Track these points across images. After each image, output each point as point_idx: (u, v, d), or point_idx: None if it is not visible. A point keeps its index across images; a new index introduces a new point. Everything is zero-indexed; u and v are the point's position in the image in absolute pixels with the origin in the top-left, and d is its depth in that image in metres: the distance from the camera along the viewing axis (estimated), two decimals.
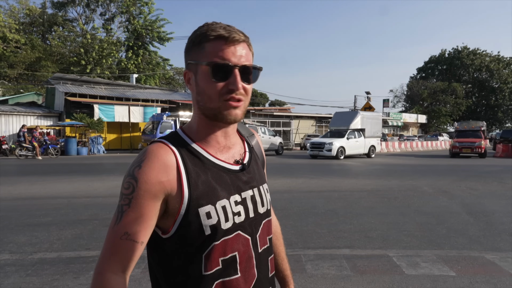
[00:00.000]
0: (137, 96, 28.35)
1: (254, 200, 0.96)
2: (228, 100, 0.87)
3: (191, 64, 0.91)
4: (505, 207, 7.01)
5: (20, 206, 6.87)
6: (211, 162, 0.91)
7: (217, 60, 0.86)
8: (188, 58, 0.92)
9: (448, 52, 64.91)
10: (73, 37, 38.31)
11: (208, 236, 0.86)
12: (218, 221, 0.86)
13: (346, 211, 6.49)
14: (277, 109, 37.70)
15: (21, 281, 3.42)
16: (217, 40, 0.87)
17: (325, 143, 19.60)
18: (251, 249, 0.93)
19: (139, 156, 0.86)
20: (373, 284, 3.43)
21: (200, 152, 0.91)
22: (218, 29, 0.87)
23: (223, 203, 0.88)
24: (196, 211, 0.85)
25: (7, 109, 23.79)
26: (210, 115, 0.90)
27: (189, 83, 0.93)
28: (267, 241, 0.99)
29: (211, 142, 0.93)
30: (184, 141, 0.91)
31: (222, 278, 0.88)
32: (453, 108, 57.93)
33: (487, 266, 3.90)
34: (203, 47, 0.88)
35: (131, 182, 0.83)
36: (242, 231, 0.91)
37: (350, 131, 20.68)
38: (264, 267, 0.96)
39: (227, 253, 0.88)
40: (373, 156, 21.76)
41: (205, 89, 0.88)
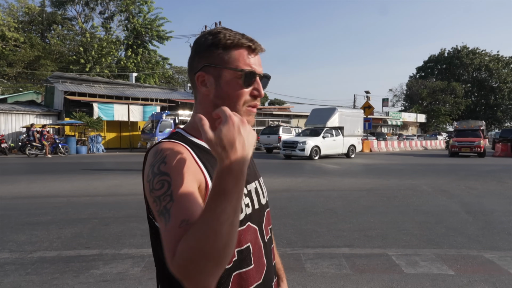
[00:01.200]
0: (136, 95, 28.33)
1: (257, 191, 1.00)
2: (250, 106, 0.93)
3: (210, 67, 0.92)
4: (504, 206, 7.03)
5: (19, 204, 6.87)
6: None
7: (250, 69, 0.91)
8: (207, 60, 0.92)
9: (448, 52, 64.94)
10: (72, 35, 38.26)
11: None
12: None
13: (346, 210, 6.50)
14: (277, 108, 37.71)
15: (21, 280, 3.43)
16: (244, 49, 0.91)
17: (298, 142, 17.94)
18: (260, 239, 0.96)
19: (155, 156, 0.84)
20: (372, 283, 3.44)
21: (205, 147, 0.91)
22: (243, 38, 0.92)
23: None
24: None
25: (6, 108, 23.76)
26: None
27: (205, 85, 0.93)
28: (269, 231, 1.03)
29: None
30: (189, 139, 0.92)
31: (239, 269, 0.89)
32: (452, 108, 57.97)
33: (486, 265, 3.91)
34: (230, 53, 0.91)
35: (164, 179, 0.79)
36: (251, 222, 0.94)
37: (327, 129, 19.19)
38: (269, 256, 1.00)
39: (242, 244, 0.90)
40: (353, 156, 20.23)
41: (231, 94, 0.91)
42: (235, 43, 0.91)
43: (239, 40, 0.91)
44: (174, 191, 0.77)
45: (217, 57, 0.91)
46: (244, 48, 0.91)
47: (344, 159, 19.29)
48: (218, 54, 0.91)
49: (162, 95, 29.95)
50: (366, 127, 27.40)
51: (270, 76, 0.98)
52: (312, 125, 20.61)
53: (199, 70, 0.93)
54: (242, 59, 0.91)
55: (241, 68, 0.90)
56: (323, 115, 20.67)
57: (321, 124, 19.96)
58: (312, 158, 17.80)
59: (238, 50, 0.91)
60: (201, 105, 0.95)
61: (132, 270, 3.66)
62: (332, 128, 19.53)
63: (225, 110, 0.70)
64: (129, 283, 3.37)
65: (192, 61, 0.95)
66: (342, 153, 19.87)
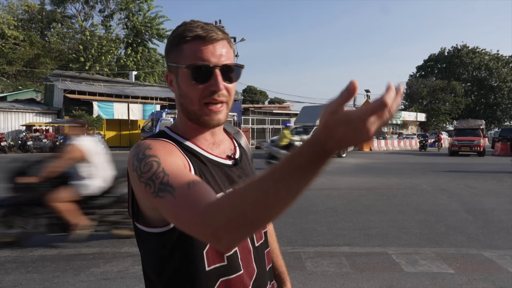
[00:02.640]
0: (136, 93, 28.33)
1: None
2: (209, 105, 0.86)
3: (171, 66, 0.89)
4: (503, 205, 7.04)
5: None
6: (205, 157, 0.89)
7: (196, 62, 0.83)
8: (168, 60, 0.90)
9: (448, 51, 64.89)
10: (72, 34, 38.17)
11: None
12: None
13: (346, 209, 6.51)
14: (277, 107, 37.69)
15: (21, 278, 3.44)
16: (195, 41, 0.84)
17: None
18: (249, 244, 0.91)
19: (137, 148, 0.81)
20: (372, 281, 3.45)
21: (193, 148, 0.89)
22: (195, 28, 0.84)
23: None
24: None
25: (6, 106, 23.75)
26: (193, 118, 0.89)
27: (172, 85, 0.91)
28: (262, 235, 0.98)
29: (199, 140, 0.91)
30: (174, 138, 0.89)
31: (227, 276, 0.85)
32: (452, 107, 57.97)
33: (485, 264, 3.92)
34: (182, 49, 0.85)
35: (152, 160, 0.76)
36: None
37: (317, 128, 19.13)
38: (261, 261, 0.95)
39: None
40: (344, 155, 19.64)
41: (187, 92, 0.86)
42: (184, 37, 0.85)
43: (187, 33, 0.84)
44: (165, 167, 0.75)
45: (173, 54, 0.88)
46: (196, 40, 0.84)
47: (334, 158, 18.88)
48: (173, 51, 0.88)
49: (162, 93, 29.94)
50: None
51: (241, 65, 0.89)
52: (302, 123, 20.05)
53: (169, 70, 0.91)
54: (193, 53, 0.84)
55: (186, 63, 0.84)
56: (313, 113, 20.09)
57: (311, 123, 19.37)
58: None
59: (188, 43, 0.84)
60: (176, 105, 0.93)
61: (133, 268, 3.67)
62: None
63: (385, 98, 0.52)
64: (129, 282, 3.38)
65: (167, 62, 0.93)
66: None
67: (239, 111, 29.01)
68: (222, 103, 0.87)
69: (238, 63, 0.89)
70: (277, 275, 1.17)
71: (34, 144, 20.83)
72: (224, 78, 0.85)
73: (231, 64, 0.87)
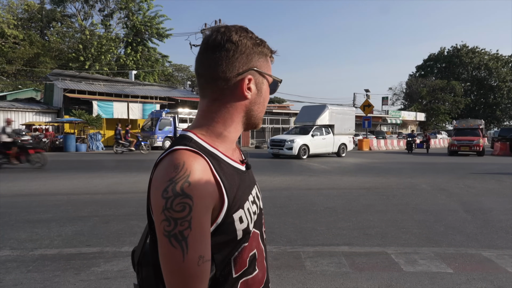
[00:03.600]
0: (136, 92, 28.31)
1: (258, 196, 0.98)
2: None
3: (256, 71, 0.89)
4: (502, 205, 7.06)
5: (20, 202, 6.88)
6: (230, 166, 0.88)
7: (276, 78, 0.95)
8: (253, 63, 0.88)
9: (447, 50, 64.92)
10: (72, 33, 38.13)
11: (239, 240, 0.85)
12: (248, 223, 0.86)
13: (345, 209, 6.52)
14: (276, 107, 37.66)
15: (22, 277, 3.44)
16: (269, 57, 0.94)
17: (286, 141, 17.29)
18: (261, 244, 0.95)
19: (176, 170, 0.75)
20: (372, 281, 3.46)
21: (220, 157, 0.86)
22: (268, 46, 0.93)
23: (247, 205, 0.88)
24: (231, 217, 0.82)
25: (6, 105, 23.73)
26: (253, 124, 0.95)
27: (248, 90, 0.89)
28: (264, 233, 1.02)
29: (226, 146, 0.90)
30: (206, 148, 0.84)
31: (246, 276, 0.88)
32: (451, 106, 58.00)
33: (484, 263, 3.94)
34: (267, 61, 0.93)
35: (186, 202, 0.73)
36: (255, 228, 0.92)
37: (316, 127, 18.52)
38: (267, 257, 1.00)
39: (251, 252, 0.89)
40: (344, 155, 19.65)
41: (265, 101, 0.95)
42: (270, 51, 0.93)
43: (270, 49, 0.93)
44: (193, 218, 0.73)
45: (260, 61, 0.90)
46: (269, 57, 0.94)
47: (334, 158, 18.86)
48: (260, 58, 0.90)
49: (161, 93, 29.93)
50: (366, 125, 27.45)
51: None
52: (301, 123, 20.06)
53: (244, 72, 0.87)
54: (270, 67, 0.94)
55: (277, 77, 0.95)
56: (313, 112, 20.02)
57: (310, 122, 19.32)
58: (300, 157, 17.22)
59: (267, 57, 0.93)
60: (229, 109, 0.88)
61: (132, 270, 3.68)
62: (322, 126, 18.98)
63: None
64: (130, 281, 3.39)
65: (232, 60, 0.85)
66: (332, 152, 19.30)
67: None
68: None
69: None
70: None
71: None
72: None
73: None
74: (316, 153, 18.41)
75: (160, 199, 0.74)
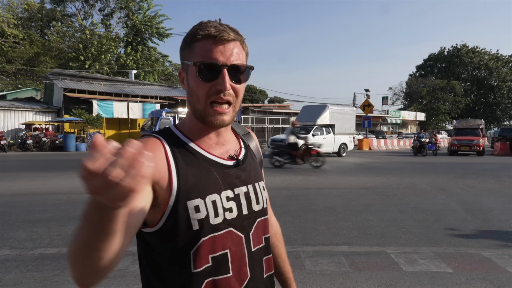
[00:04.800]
0: (136, 92, 28.29)
1: (248, 197, 0.93)
2: (214, 105, 0.86)
3: (184, 63, 0.90)
4: (502, 204, 7.06)
5: (19, 202, 6.88)
6: (203, 157, 0.89)
7: (204, 60, 0.85)
8: (182, 57, 0.91)
9: (447, 50, 64.87)
10: (72, 32, 38.10)
11: (196, 231, 0.83)
12: (207, 215, 0.84)
13: (345, 208, 6.52)
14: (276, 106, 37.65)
15: (22, 276, 3.44)
16: (206, 39, 0.85)
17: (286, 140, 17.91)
18: (244, 248, 0.90)
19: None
20: (371, 280, 3.46)
21: (191, 147, 0.90)
22: (208, 27, 0.85)
23: (213, 198, 0.86)
24: (185, 204, 0.83)
25: (6, 105, 23.72)
26: (198, 117, 0.90)
27: (183, 83, 0.93)
28: (262, 241, 0.95)
29: (203, 138, 0.92)
30: (175, 135, 0.91)
31: (213, 276, 0.85)
32: (451, 106, 57.98)
33: (484, 263, 3.94)
34: (193, 47, 0.87)
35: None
36: (234, 228, 0.88)
37: (317, 127, 18.55)
38: (257, 267, 0.93)
39: (217, 250, 0.85)
40: (344, 155, 19.71)
41: (194, 89, 0.87)
42: (196, 35, 0.86)
43: (199, 32, 0.86)
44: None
45: (186, 52, 0.89)
46: (206, 39, 0.85)
47: (335, 157, 18.84)
48: (186, 49, 0.89)
49: (161, 92, 29.91)
50: (366, 125, 27.44)
51: (251, 66, 0.90)
52: (302, 122, 19.84)
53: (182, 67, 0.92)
54: (203, 51, 0.85)
55: (195, 60, 0.86)
56: (313, 112, 20.06)
57: (311, 122, 19.36)
58: None
59: (200, 42, 0.86)
60: (186, 103, 0.94)
61: (133, 267, 3.68)
62: (322, 126, 19.00)
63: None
64: (129, 280, 3.39)
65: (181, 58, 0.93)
66: (333, 151, 19.23)
67: (239, 110, 28.96)
68: (229, 104, 0.88)
69: (248, 65, 0.90)
70: (283, 280, 1.16)
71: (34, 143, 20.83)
72: (233, 78, 0.86)
73: (240, 64, 0.87)
74: None
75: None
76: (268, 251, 0.98)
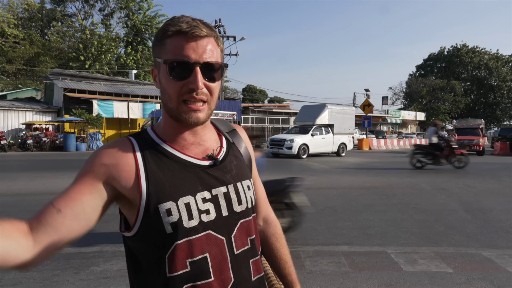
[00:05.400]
0: (136, 92, 28.31)
1: (228, 197, 0.88)
2: (187, 102, 0.83)
3: (155, 61, 0.86)
4: (502, 204, 7.05)
5: (19, 201, 6.88)
6: (176, 158, 0.86)
7: (175, 57, 0.80)
8: (154, 54, 0.87)
9: (447, 50, 64.86)
10: (72, 32, 38.13)
11: (170, 234, 0.81)
12: (180, 218, 0.81)
13: (345, 208, 6.52)
14: (276, 106, 37.66)
15: (21, 276, 3.44)
16: (177, 36, 0.81)
17: (286, 140, 17.29)
18: (226, 251, 0.85)
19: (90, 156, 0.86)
20: (371, 280, 3.46)
21: (164, 148, 0.87)
22: (179, 23, 0.81)
23: (186, 200, 0.82)
24: (156, 207, 0.80)
25: (6, 105, 23.72)
26: (172, 115, 0.86)
27: (156, 80, 0.89)
28: (247, 243, 0.90)
29: (177, 139, 0.89)
30: (149, 137, 0.89)
31: (192, 282, 0.81)
32: (451, 106, 57.99)
33: (484, 263, 3.93)
34: (164, 43, 0.83)
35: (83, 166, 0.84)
36: (213, 231, 0.85)
37: (316, 127, 18.52)
38: (243, 270, 0.88)
39: (195, 255, 0.82)
40: (343, 154, 19.60)
41: (166, 88, 0.84)
42: (166, 31, 0.82)
43: (170, 28, 0.82)
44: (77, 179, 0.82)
45: (157, 49, 0.85)
46: (178, 36, 0.81)
47: (334, 157, 18.77)
48: (157, 45, 0.85)
49: None
50: (365, 125, 27.44)
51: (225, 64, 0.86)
52: (301, 122, 20.04)
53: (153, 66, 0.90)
54: (174, 48, 0.81)
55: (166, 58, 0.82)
56: (313, 112, 19.99)
57: (310, 122, 19.31)
58: (300, 157, 17.16)
59: (171, 38, 0.82)
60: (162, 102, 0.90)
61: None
62: (321, 126, 18.94)
63: None
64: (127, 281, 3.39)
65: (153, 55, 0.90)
66: (332, 151, 19.23)
67: (239, 110, 29.01)
68: (203, 102, 0.84)
69: (221, 62, 0.86)
70: (287, 283, 1.09)
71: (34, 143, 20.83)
72: (206, 76, 0.83)
73: (213, 62, 0.83)
74: (316, 153, 18.38)
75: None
76: (255, 253, 0.93)
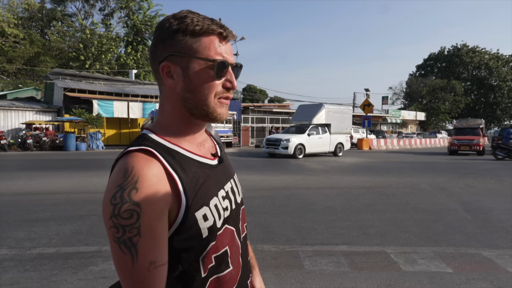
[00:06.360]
0: (136, 91, 28.28)
1: (233, 191, 0.94)
2: (221, 99, 0.85)
3: (176, 56, 0.82)
4: (502, 204, 7.04)
5: (18, 201, 6.87)
6: (194, 161, 0.85)
7: (221, 58, 0.82)
8: (173, 49, 0.81)
9: (448, 50, 64.87)
10: (72, 32, 38.14)
11: (206, 237, 0.82)
12: (214, 221, 0.83)
13: (344, 208, 6.51)
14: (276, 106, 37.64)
15: (19, 276, 3.43)
16: (215, 35, 0.82)
17: (281, 140, 17.22)
18: (237, 240, 0.91)
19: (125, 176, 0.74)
20: (371, 280, 3.44)
21: (182, 153, 0.84)
22: (214, 24, 0.82)
23: (214, 202, 0.84)
24: (194, 216, 0.79)
25: (6, 104, 23.72)
26: (199, 114, 0.84)
27: (171, 77, 0.83)
28: (245, 229, 0.99)
29: (190, 140, 0.88)
30: (161, 144, 0.82)
31: (216, 274, 0.85)
32: (452, 106, 57.98)
33: (484, 263, 3.92)
34: (199, 41, 0.81)
35: (133, 209, 0.71)
36: (228, 224, 0.88)
37: (313, 127, 18.38)
38: (245, 254, 0.96)
39: (219, 249, 0.85)
40: (341, 154, 19.56)
41: (201, 86, 0.82)
42: (205, 29, 0.81)
43: (209, 26, 0.81)
44: (142, 224, 0.72)
45: (184, 45, 0.81)
46: (215, 35, 0.82)
47: (331, 157, 18.69)
48: (185, 41, 0.81)
49: None
50: (365, 125, 27.43)
51: (242, 65, 0.89)
52: (297, 122, 19.87)
53: (164, 60, 0.82)
54: (213, 48, 0.82)
55: (212, 57, 0.81)
56: (309, 111, 19.80)
57: (307, 121, 19.13)
58: (296, 157, 17.11)
59: (208, 37, 0.82)
60: (167, 99, 0.86)
61: None
62: (318, 125, 18.80)
63: None
64: None
65: (155, 49, 0.84)
66: (329, 151, 19.15)
67: (239, 109, 29.00)
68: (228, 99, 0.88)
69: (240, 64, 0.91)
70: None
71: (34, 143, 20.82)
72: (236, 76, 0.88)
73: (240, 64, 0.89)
74: (312, 153, 18.30)
75: (108, 205, 0.72)
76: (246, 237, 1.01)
